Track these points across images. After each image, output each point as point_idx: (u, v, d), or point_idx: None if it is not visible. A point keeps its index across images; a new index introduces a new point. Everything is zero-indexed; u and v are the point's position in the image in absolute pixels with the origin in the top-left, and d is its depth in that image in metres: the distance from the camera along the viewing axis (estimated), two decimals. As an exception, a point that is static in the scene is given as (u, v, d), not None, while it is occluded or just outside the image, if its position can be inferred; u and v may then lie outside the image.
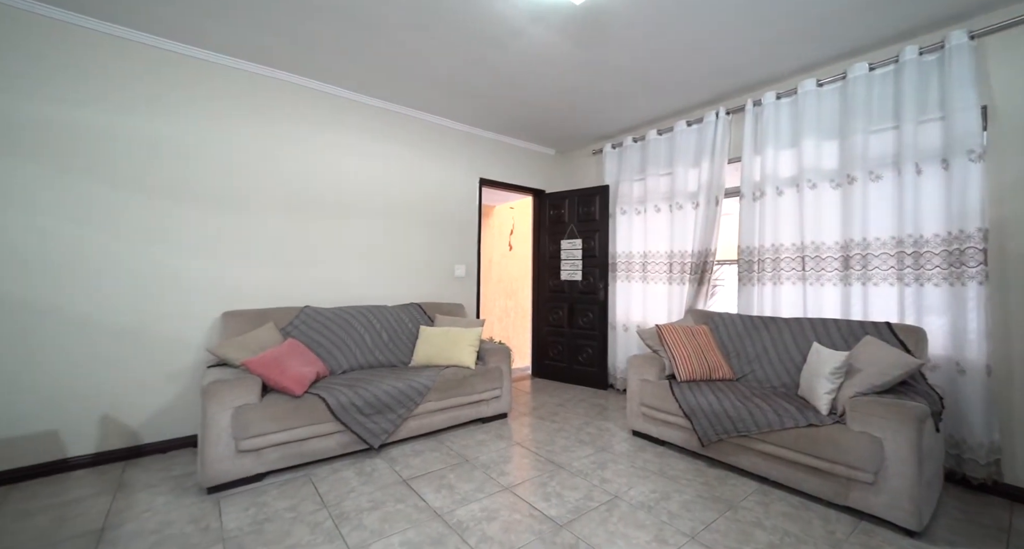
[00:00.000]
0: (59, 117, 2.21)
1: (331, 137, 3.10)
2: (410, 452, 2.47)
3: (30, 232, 2.14)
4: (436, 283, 3.68)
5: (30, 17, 2.14)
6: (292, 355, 2.41)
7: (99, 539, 1.64)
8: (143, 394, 2.42)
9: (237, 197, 2.72)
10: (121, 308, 2.36)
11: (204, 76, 2.61)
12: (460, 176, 3.82)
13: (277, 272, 2.88)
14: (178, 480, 2.12)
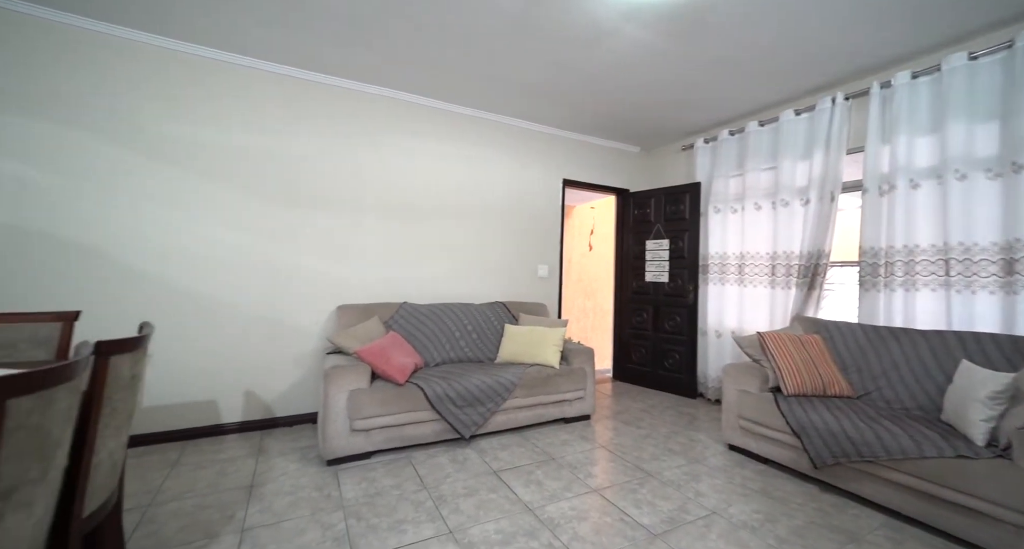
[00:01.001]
0: (219, 141, 2.66)
1: (429, 145, 3.33)
2: (497, 445, 2.57)
3: (197, 237, 2.61)
4: (520, 282, 3.77)
5: (193, 59, 2.61)
6: (394, 346, 2.64)
7: (250, 493, 1.96)
8: (275, 375, 2.83)
9: (348, 204, 3.05)
10: (260, 300, 2.78)
11: (324, 97, 2.96)
12: (544, 177, 3.87)
13: (381, 271, 3.17)
14: (303, 451, 2.45)
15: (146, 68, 2.48)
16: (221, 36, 2.47)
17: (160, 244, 2.52)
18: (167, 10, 2.23)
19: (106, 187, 2.39)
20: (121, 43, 2.42)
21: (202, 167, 2.62)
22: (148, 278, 2.49)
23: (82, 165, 2.34)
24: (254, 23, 2.33)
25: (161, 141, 2.52)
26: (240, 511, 1.82)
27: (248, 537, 1.64)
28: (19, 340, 1.64)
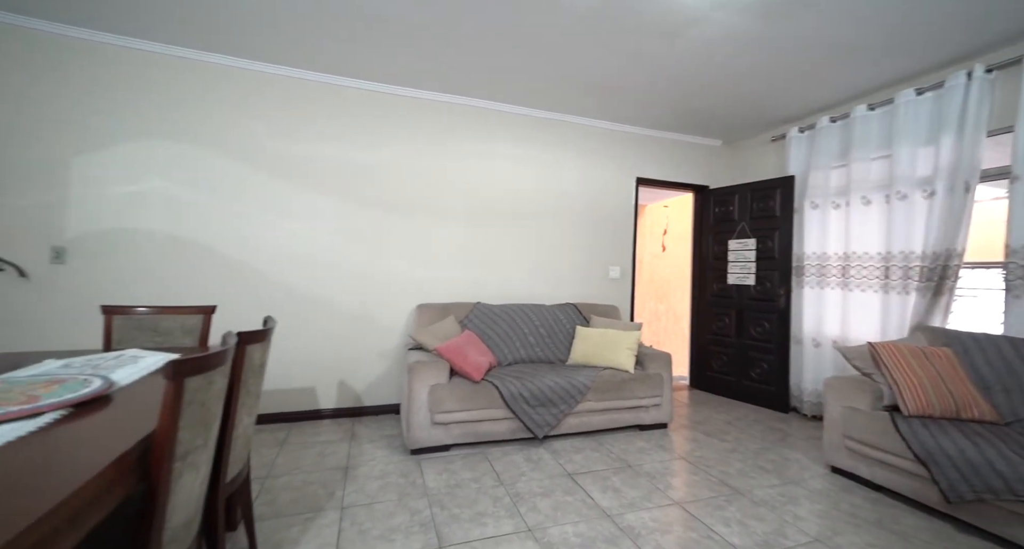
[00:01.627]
0: (320, 155, 2.96)
1: (503, 149, 3.42)
2: (570, 448, 2.56)
3: (301, 241, 2.93)
4: (591, 284, 3.72)
5: (298, 83, 2.93)
6: (470, 345, 2.74)
7: (346, 474, 2.15)
8: (364, 367, 3.07)
9: (429, 209, 3.23)
10: (352, 298, 3.04)
11: (407, 109, 3.16)
12: (616, 177, 3.78)
13: (457, 272, 3.31)
14: (389, 439, 2.63)
15: (268, 96, 2.84)
16: (330, 61, 2.75)
17: (273, 248, 2.86)
18: (298, 45, 2.54)
19: (235, 200, 2.78)
20: (249, 75, 2.79)
21: (306, 179, 2.93)
22: (264, 278, 2.84)
23: (216, 182, 2.74)
24: (354, 45, 2.56)
25: (276, 159, 2.86)
26: (339, 490, 2.01)
27: (347, 514, 1.80)
28: (174, 329, 1.96)
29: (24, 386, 1.09)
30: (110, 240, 2.58)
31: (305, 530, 1.69)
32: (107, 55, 2.55)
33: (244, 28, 2.41)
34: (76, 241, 2.52)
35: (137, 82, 2.60)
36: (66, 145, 2.49)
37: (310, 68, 2.86)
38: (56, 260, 2.49)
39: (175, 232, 2.68)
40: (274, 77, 2.86)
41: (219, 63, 2.73)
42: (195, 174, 2.71)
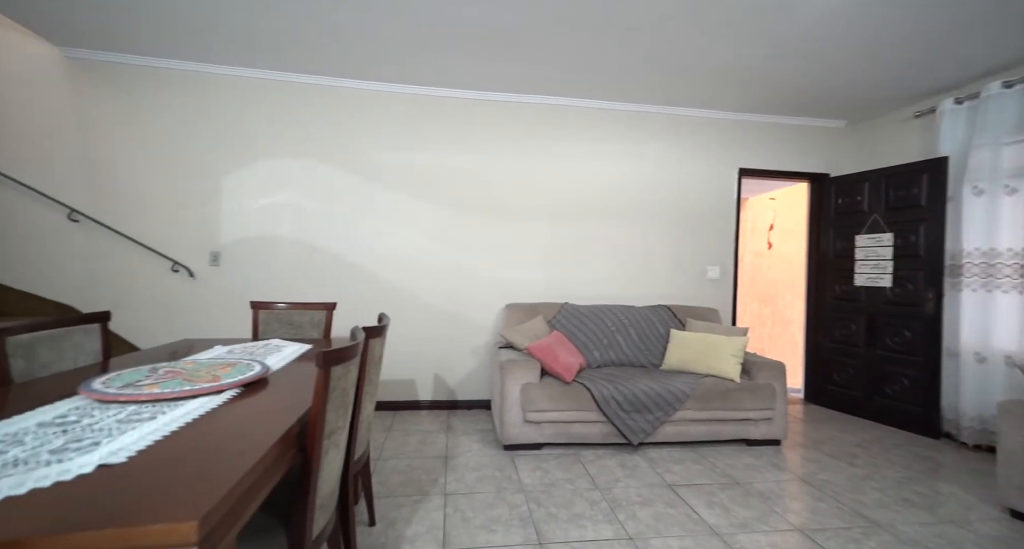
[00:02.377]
0: (419, 163, 3.18)
1: (590, 147, 3.36)
2: (668, 457, 2.42)
3: (404, 244, 3.16)
4: (686, 285, 3.49)
5: (403, 97, 3.16)
6: (560, 345, 2.73)
7: (446, 464, 2.28)
8: (457, 362, 3.23)
9: (517, 209, 3.29)
10: (446, 297, 3.21)
11: (494, 112, 3.26)
12: (715, 168, 3.50)
13: (543, 272, 3.33)
14: (482, 434, 2.73)
15: (374, 112, 3.12)
16: (425, 73, 2.95)
17: (379, 251, 3.14)
18: (400, 61, 2.77)
19: (348, 208, 3.10)
20: (360, 94, 3.10)
21: (405, 186, 3.16)
22: (372, 277, 3.13)
23: (333, 193, 3.08)
24: (459, 57, 2.71)
25: (382, 169, 3.13)
26: (440, 477, 2.13)
27: (450, 501, 1.91)
28: (304, 322, 2.25)
29: (208, 367, 1.32)
30: (251, 245, 3.03)
31: (414, 511, 1.82)
32: (244, 87, 3.00)
33: (360, 53, 2.67)
34: (227, 247, 3.00)
35: (269, 109, 3.02)
36: (218, 166, 2.98)
37: (408, 82, 3.08)
38: (213, 263, 2.99)
39: (301, 237, 3.06)
40: (378, 94, 3.12)
41: (336, 85, 3.06)
42: (316, 186, 3.07)
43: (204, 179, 2.96)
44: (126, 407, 1.02)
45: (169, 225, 2.92)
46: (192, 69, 2.91)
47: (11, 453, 0.77)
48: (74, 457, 0.77)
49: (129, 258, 2.88)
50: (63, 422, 0.92)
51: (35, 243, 2.80)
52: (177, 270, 2.93)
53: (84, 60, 2.82)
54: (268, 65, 2.90)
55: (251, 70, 2.96)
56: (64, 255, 2.83)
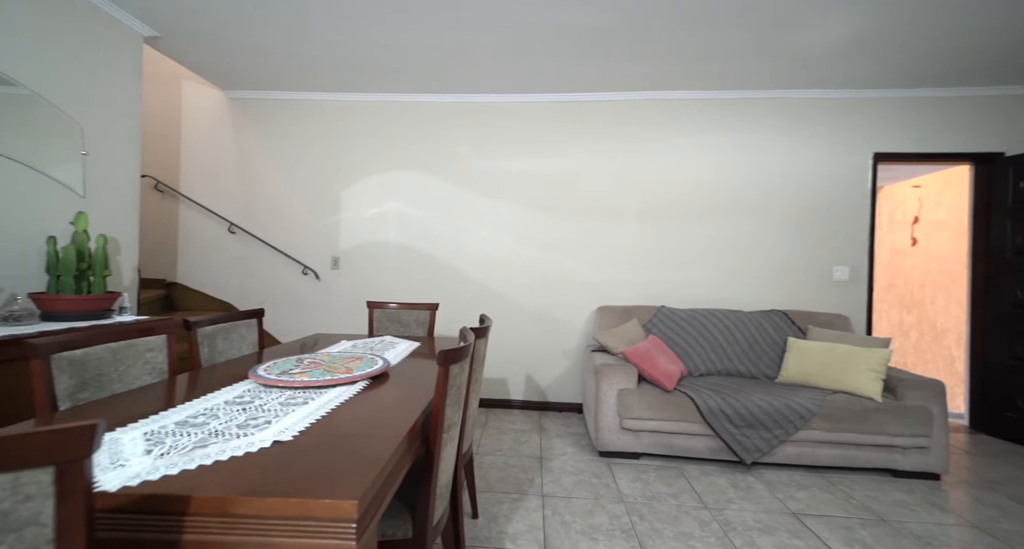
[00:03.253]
0: (509, 169, 3.26)
1: (680, 140, 3.15)
2: (789, 481, 2.16)
3: (496, 247, 3.27)
4: (806, 288, 3.08)
5: (488, 106, 3.27)
6: (658, 351, 2.59)
7: (541, 464, 2.30)
8: (547, 364, 3.24)
9: (607, 210, 3.20)
10: (536, 299, 3.24)
11: (583, 113, 3.21)
12: (842, 155, 3.05)
13: (636, 274, 3.20)
14: (575, 437, 2.70)
15: (467, 121, 3.28)
16: (518, 81, 3.02)
17: (474, 254, 3.28)
18: (488, 74, 2.89)
19: (446, 214, 3.30)
20: (458, 107, 3.29)
21: (499, 192, 3.26)
22: (469, 280, 3.28)
23: (434, 200, 3.31)
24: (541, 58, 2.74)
25: (477, 176, 3.28)
26: (536, 477, 2.15)
27: (548, 503, 1.91)
28: (411, 321, 2.44)
29: (341, 360, 1.50)
30: (364, 251, 3.37)
31: (515, 508, 1.86)
32: (358, 110, 3.34)
33: (456, 70, 2.83)
34: (345, 252, 3.38)
35: (378, 128, 3.33)
36: (339, 182, 3.36)
37: (496, 91, 3.17)
38: (334, 267, 3.39)
39: (404, 242, 3.33)
40: (469, 105, 3.27)
41: (433, 101, 3.28)
42: (418, 195, 3.31)
43: (328, 193, 3.37)
44: (284, 392, 1.20)
45: (300, 234, 3.38)
46: (318, 99, 3.33)
47: (211, 425, 0.95)
48: (254, 432, 0.92)
49: (272, 263, 3.39)
50: (241, 401, 1.11)
51: (205, 251, 3.44)
52: (306, 273, 3.38)
53: (241, 99, 3.39)
54: (378, 89, 3.21)
55: (364, 95, 3.30)
56: (225, 261, 3.43)
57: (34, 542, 0.51)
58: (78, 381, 1.13)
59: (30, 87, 1.93)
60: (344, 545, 0.66)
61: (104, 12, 2.24)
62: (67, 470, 0.51)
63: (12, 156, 1.88)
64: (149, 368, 1.34)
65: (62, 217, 2.07)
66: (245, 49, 2.70)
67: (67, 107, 2.09)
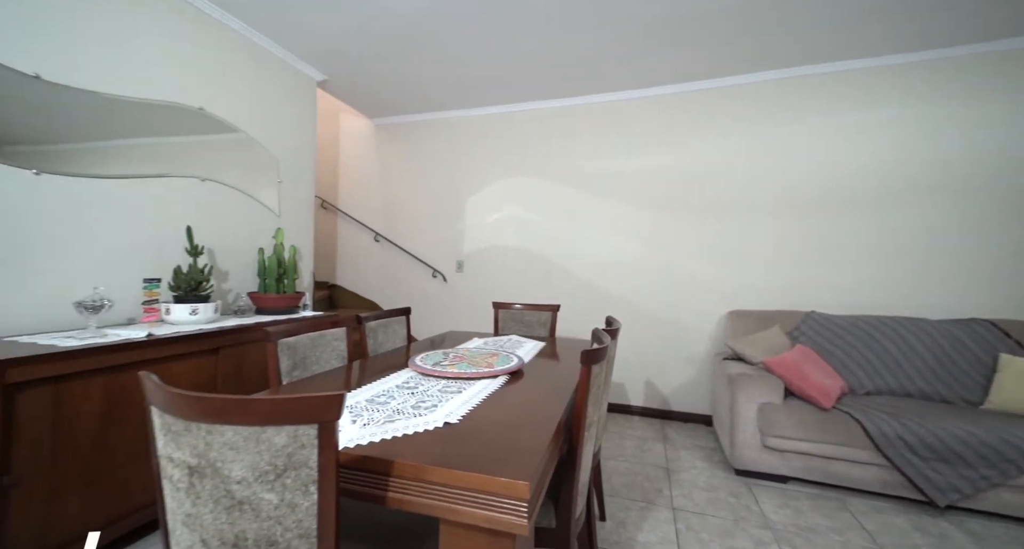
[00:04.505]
0: (620, 167, 3.19)
1: (841, 120, 2.70)
2: (1005, 536, 1.70)
3: (608, 248, 3.22)
4: (1017, 290, 2.40)
5: (603, 105, 3.22)
6: (809, 362, 2.27)
7: (668, 476, 2.18)
8: (670, 371, 3.07)
9: (736, 205, 2.91)
10: (656, 301, 3.10)
11: (704, 104, 2.97)
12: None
13: (775, 275, 2.84)
14: (705, 451, 2.51)
15: (577, 124, 3.30)
16: (629, 77, 2.94)
17: (589, 255, 3.28)
18: (598, 76, 2.88)
19: (561, 217, 3.36)
20: (560, 111, 3.33)
21: (614, 192, 3.21)
22: (584, 281, 3.29)
23: (549, 204, 3.39)
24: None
25: (589, 177, 3.28)
26: (664, 488, 2.05)
27: (680, 517, 1.81)
28: (533, 321, 2.54)
29: (481, 355, 1.63)
30: (486, 254, 3.60)
31: (643, 518, 1.80)
32: (478, 123, 3.58)
33: (568, 76, 2.87)
34: (468, 256, 3.66)
35: (497, 138, 3.53)
36: (464, 191, 3.66)
37: (606, 91, 3.12)
38: (458, 270, 3.69)
39: (523, 246, 3.47)
40: (578, 107, 3.27)
41: (545, 107, 3.37)
42: (534, 200, 3.43)
43: (454, 202, 3.69)
44: (440, 381, 1.35)
45: (431, 240, 3.76)
46: (446, 116, 3.68)
47: (391, 405, 1.12)
48: (425, 413, 1.06)
49: (408, 267, 3.83)
50: (408, 387, 1.29)
51: (356, 258, 4.04)
52: (435, 276, 3.74)
53: (384, 124, 3.92)
54: (498, 102, 3.41)
55: (485, 108, 3.54)
56: (371, 265, 3.99)
57: (306, 479, 0.67)
58: (291, 362, 1.44)
59: (247, 132, 2.51)
60: (516, 521, 0.73)
61: (289, 64, 2.80)
62: (325, 427, 0.67)
63: (237, 186, 2.46)
64: (335, 354, 1.63)
65: (266, 233, 2.63)
66: (393, 83, 3.11)
67: (269, 145, 2.66)
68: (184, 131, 2.16)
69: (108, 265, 1.84)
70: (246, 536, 0.66)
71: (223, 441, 0.65)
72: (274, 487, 0.66)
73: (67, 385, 1.34)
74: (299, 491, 0.66)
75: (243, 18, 2.35)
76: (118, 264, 1.87)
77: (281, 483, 0.66)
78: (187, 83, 2.15)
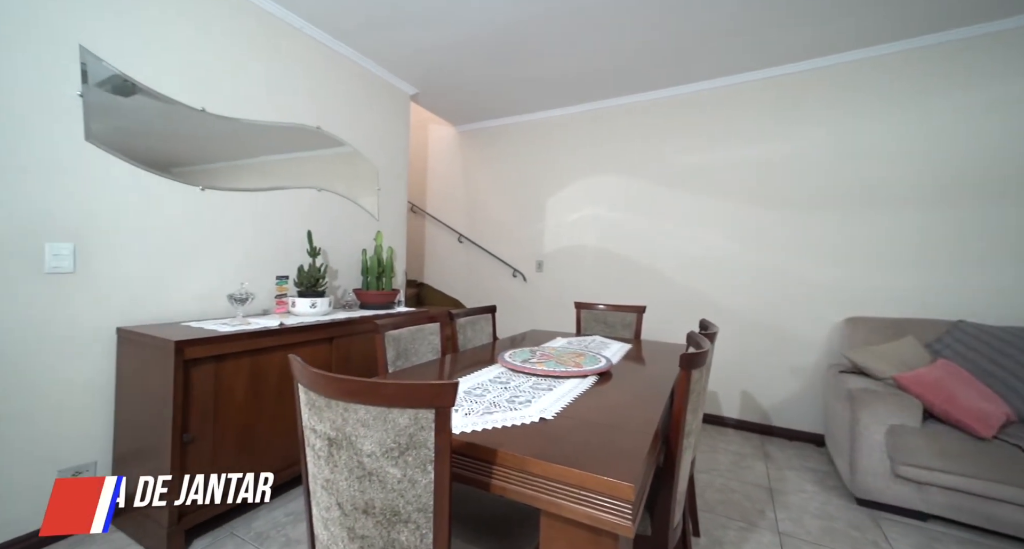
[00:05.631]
0: (712, 160, 2.96)
1: (996, 91, 2.23)
2: None
3: (701, 246, 3.01)
4: None
5: (676, 99, 3.02)
6: (957, 381, 1.91)
7: (772, 497, 1.99)
8: (771, 381, 2.78)
9: (845, 196, 2.55)
10: (755, 305, 2.83)
11: (803, 86, 2.63)
12: None
13: (910, 276, 2.43)
14: (816, 474, 2.23)
15: (660, 117, 3.14)
16: (716, 65, 2.73)
17: (678, 255, 3.10)
18: (681, 65, 2.72)
19: (644, 215, 3.23)
20: (642, 106, 3.20)
21: (704, 187, 3.00)
22: (671, 282, 3.13)
23: (631, 202, 3.28)
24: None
25: (677, 172, 3.11)
26: (767, 510, 1.87)
27: (788, 543, 1.64)
28: (616, 323, 2.48)
29: (567, 355, 1.63)
30: (565, 254, 3.59)
31: (743, 538, 1.66)
32: (557, 124, 3.58)
33: (654, 66, 2.75)
34: (548, 256, 3.67)
35: (576, 137, 3.50)
36: (543, 192, 3.68)
37: (690, 81, 2.91)
38: (538, 270, 3.72)
39: (603, 246, 3.40)
40: (676, 98, 3.10)
41: (624, 102, 3.26)
42: (615, 197, 3.34)
43: (534, 203, 3.74)
44: (529, 378, 1.38)
45: (511, 241, 3.85)
46: (525, 120, 3.74)
47: (487, 397, 1.17)
48: (520, 408, 1.09)
49: (489, 267, 3.97)
50: (500, 381, 1.33)
51: (441, 258, 4.28)
52: (515, 276, 3.82)
53: (467, 130, 4.10)
54: (578, 101, 3.39)
55: (560, 110, 3.54)
56: (455, 265, 4.19)
57: (424, 459, 0.73)
58: (395, 352, 1.57)
59: (353, 145, 2.79)
60: (620, 522, 0.72)
61: (388, 82, 3.05)
62: (441, 413, 0.72)
63: (344, 194, 2.75)
64: (431, 347, 1.75)
65: (367, 235, 2.90)
66: (476, 90, 3.25)
67: (370, 156, 2.93)
68: (304, 147, 2.47)
69: (249, 264, 2.17)
70: (374, 504, 0.75)
71: (356, 418, 0.73)
72: (398, 463, 0.73)
73: (224, 363, 1.61)
74: (418, 469, 0.72)
75: (351, 44, 2.62)
76: (256, 263, 2.20)
77: (404, 460, 0.72)
78: (307, 106, 2.45)
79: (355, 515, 0.76)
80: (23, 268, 1.48)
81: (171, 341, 1.45)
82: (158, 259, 1.82)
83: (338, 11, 2.29)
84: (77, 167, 1.59)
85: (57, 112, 1.54)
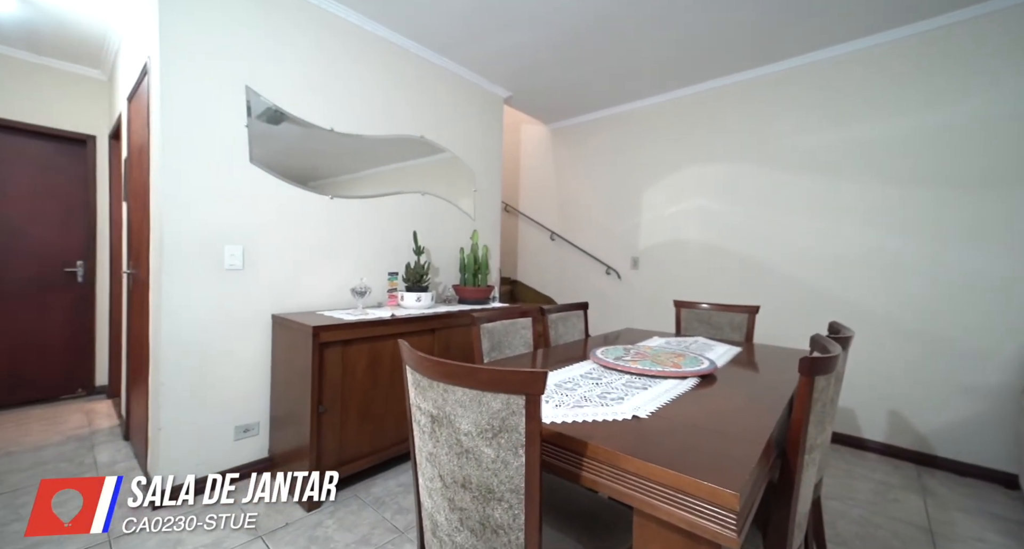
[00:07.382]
0: (841, 137, 2.52)
1: None
2: None
3: (823, 236, 2.59)
4: None
5: (790, 73, 2.59)
6: None
7: (932, 541, 1.63)
8: (931, 402, 2.28)
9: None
10: (915, 310, 2.34)
11: (947, 41, 2.06)
12: None
13: None
14: (1002, 522, 1.77)
15: (773, 95, 2.77)
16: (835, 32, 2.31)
17: (798, 250, 2.72)
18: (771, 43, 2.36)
19: (759, 205, 2.89)
20: (747, 85, 2.84)
21: (829, 168, 2.57)
22: (790, 280, 2.75)
23: (740, 191, 2.96)
24: None
25: (793, 154, 2.72)
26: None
27: (956, 600, 1.33)
28: (723, 324, 2.26)
29: (665, 355, 1.54)
30: (663, 250, 3.38)
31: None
32: (649, 114, 3.37)
33: (757, 42, 2.43)
34: (644, 252, 3.50)
35: (671, 126, 3.26)
36: (637, 185, 3.52)
37: (807, 51, 2.48)
38: (633, 267, 3.56)
39: (708, 240, 3.12)
40: (771, 76, 2.71)
41: (739, 80, 2.93)
42: (721, 187, 3.04)
43: (628, 198, 3.59)
44: (623, 375, 1.34)
45: (604, 238, 3.75)
46: (616, 112, 3.62)
47: (578, 392, 1.17)
48: (612, 404, 1.06)
49: (582, 264, 3.92)
50: (592, 377, 1.31)
51: (534, 255, 4.35)
52: (609, 273, 3.71)
53: (559, 128, 4.11)
54: (674, 87, 3.16)
55: (653, 98, 3.35)
56: (547, 263, 4.23)
57: (515, 442, 0.76)
58: (490, 344, 1.65)
59: (452, 151, 2.99)
60: (724, 532, 0.66)
61: (483, 87, 3.19)
62: (531, 400, 0.74)
63: (444, 197, 2.96)
64: (523, 341, 1.80)
65: (464, 234, 3.08)
66: (566, 87, 3.24)
67: (467, 159, 3.10)
68: (410, 156, 2.72)
69: (365, 262, 2.46)
70: (471, 480, 0.80)
71: (455, 399, 0.79)
72: (491, 443, 0.77)
73: (348, 347, 1.86)
74: (510, 451, 0.75)
75: (450, 56, 2.81)
76: (371, 260, 2.49)
77: (497, 442, 0.76)
78: (412, 117, 2.69)
79: (455, 488, 0.82)
80: (211, 265, 1.88)
81: (309, 326, 1.71)
82: (300, 257, 2.17)
83: (441, 28, 2.47)
84: (242, 185, 1.97)
85: (232, 141, 1.92)
